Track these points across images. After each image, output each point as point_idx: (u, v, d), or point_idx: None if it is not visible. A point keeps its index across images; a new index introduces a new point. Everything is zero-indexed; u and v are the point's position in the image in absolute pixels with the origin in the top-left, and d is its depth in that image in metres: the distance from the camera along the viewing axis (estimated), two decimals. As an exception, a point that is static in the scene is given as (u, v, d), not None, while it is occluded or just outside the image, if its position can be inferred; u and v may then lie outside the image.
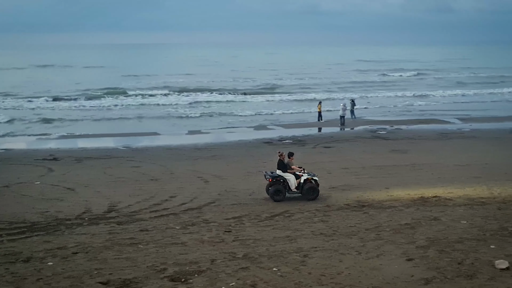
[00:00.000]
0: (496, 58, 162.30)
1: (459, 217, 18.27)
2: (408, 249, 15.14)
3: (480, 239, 15.97)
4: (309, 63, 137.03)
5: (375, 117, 48.78)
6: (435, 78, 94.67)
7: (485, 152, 31.10)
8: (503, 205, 19.82)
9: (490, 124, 43.69)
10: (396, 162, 28.49)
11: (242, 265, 14.10)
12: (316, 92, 69.30)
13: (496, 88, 75.08)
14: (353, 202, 20.47)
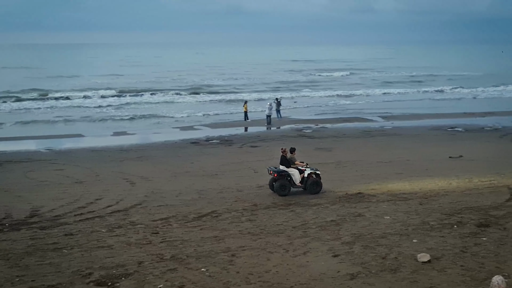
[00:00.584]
0: (418, 58, 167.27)
1: (383, 213, 18.76)
2: (334, 246, 15.44)
3: (403, 234, 16.45)
4: (236, 63, 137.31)
5: (301, 116, 49.40)
6: (362, 77, 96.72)
7: (407, 149, 32.03)
8: (424, 200, 20.48)
9: (411, 121, 44.99)
10: (321, 160, 28.90)
11: (170, 267, 14.02)
12: (243, 92, 69.55)
13: (418, 87, 77.45)
14: (279, 200, 20.67)
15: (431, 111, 52.37)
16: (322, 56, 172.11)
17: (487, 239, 15.82)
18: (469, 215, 18.33)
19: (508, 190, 21.73)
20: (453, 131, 39.42)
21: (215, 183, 23.84)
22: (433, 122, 43.99)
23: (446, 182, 23.38)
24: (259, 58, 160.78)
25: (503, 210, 18.86)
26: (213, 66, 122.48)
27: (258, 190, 22.53)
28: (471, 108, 53.68)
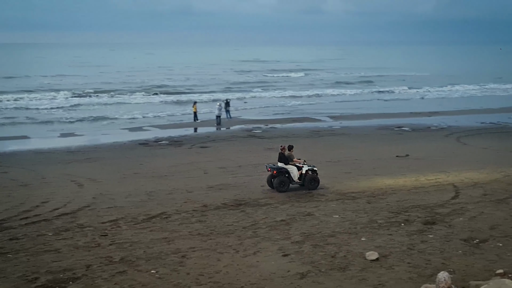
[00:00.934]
0: (367, 58, 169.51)
1: (332, 212, 18.97)
2: (284, 245, 15.52)
3: (352, 232, 16.66)
4: (187, 63, 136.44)
5: (251, 116, 49.50)
6: (313, 77, 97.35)
7: (355, 149, 32.43)
8: (372, 198, 20.78)
9: (359, 121, 45.58)
10: (271, 160, 28.91)
11: (119, 269, 13.86)
12: (193, 93, 69.24)
13: (368, 87, 78.57)
14: (230, 201, 20.65)
15: (379, 111, 53.20)
16: (272, 56, 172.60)
17: (433, 236, 16.16)
18: (416, 213, 18.69)
19: (453, 188, 22.24)
20: (400, 131, 40.12)
21: (165, 184, 23.66)
22: (380, 122, 44.67)
23: (393, 181, 23.79)
24: (209, 59, 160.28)
25: (448, 208, 19.29)
26: (164, 67, 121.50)
27: (208, 191, 22.46)
28: (418, 108, 54.69)
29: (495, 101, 62.48)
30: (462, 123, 43.43)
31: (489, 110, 52.48)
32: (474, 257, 14.49)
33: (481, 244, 15.48)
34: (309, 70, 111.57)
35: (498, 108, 53.71)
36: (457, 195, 21.13)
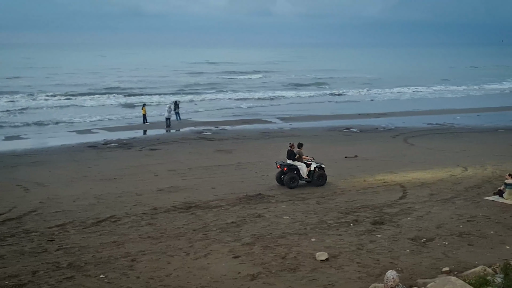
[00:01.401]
0: (318, 60, 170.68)
1: (282, 213, 19.06)
2: (234, 247, 15.52)
3: (302, 233, 16.78)
4: (138, 65, 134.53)
5: (201, 118, 49.36)
6: (264, 80, 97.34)
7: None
8: (321, 199, 20.98)
9: (309, 123, 45.95)
10: (222, 162, 29.03)
11: (67, 275, 13.62)
12: (143, 95, 68.51)
13: (320, 89, 79.24)
14: (180, 203, 20.54)
15: (329, 112, 53.70)
16: (224, 58, 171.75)
17: (381, 236, 16.40)
18: (365, 213, 18.94)
19: (401, 188, 22.63)
20: (349, 132, 40.62)
21: (114, 187, 23.37)
22: (330, 123, 45.14)
23: (342, 182, 24.06)
24: (160, 60, 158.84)
25: (396, 208, 19.62)
26: (114, 68, 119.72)
27: (158, 193, 22.29)
28: (367, 109, 55.46)
29: (442, 102, 63.89)
30: (409, 124, 44.26)
31: (435, 111, 53.60)
32: (421, 255, 14.77)
33: (428, 243, 15.78)
34: (262, 72, 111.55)
35: (444, 110, 54.89)
36: (404, 195, 21.51)
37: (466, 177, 24.73)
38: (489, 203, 20.29)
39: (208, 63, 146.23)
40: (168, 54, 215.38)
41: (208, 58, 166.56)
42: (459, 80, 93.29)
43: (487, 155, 30.33)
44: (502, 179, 22.27)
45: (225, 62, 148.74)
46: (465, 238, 16.24)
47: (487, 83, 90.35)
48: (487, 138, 37.56)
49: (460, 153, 31.28)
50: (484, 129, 42.13)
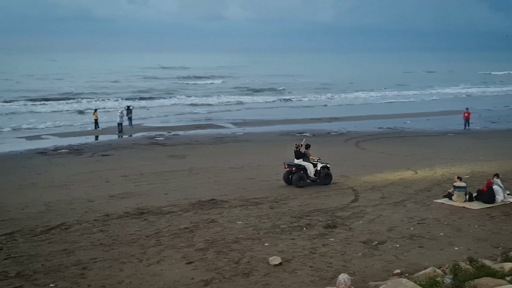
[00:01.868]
0: (273, 65, 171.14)
1: (235, 218, 19.04)
2: (187, 253, 15.42)
3: (255, 238, 16.78)
4: (90, 70, 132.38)
5: (153, 123, 48.99)
6: (219, 85, 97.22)
7: (258, 154, 32.77)
8: (274, 204, 21.04)
9: (262, 127, 46.12)
10: (174, 167, 28.85)
11: (15, 284, 13.30)
12: (95, 100, 67.60)
13: (275, 94, 79.63)
14: (132, 209, 20.30)
15: (282, 117, 53.98)
16: (177, 63, 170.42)
17: (334, 240, 16.53)
18: (317, 217, 19.07)
19: (353, 192, 22.89)
20: (302, 136, 40.81)
21: (65, 194, 22.96)
22: (283, 128, 45.39)
23: (295, 186, 24.18)
24: (112, 65, 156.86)
25: (348, 211, 19.82)
26: (65, 73, 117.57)
27: (110, 199, 21.99)
28: (320, 114, 55.97)
29: (394, 107, 65.01)
30: (360, 128, 44.85)
31: (386, 115, 54.46)
32: (373, 258, 14.94)
33: (379, 246, 15.98)
34: (217, 77, 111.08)
35: (395, 114, 55.80)
36: (356, 199, 21.76)
37: (416, 180, 25.17)
38: (438, 205, 20.70)
39: (162, 68, 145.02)
40: (120, 58, 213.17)
41: (161, 63, 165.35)
42: (413, 85, 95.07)
43: (436, 158, 30.95)
44: (451, 182, 22.77)
45: (179, 67, 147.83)
46: (416, 240, 16.51)
47: (442, 87, 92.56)
48: (436, 141, 38.34)
49: (410, 156, 31.83)
50: (433, 133, 42.99)
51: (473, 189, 21.69)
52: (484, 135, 41.52)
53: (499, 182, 21.57)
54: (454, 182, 21.56)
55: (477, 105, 63.68)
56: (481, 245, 16.02)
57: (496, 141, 38.18)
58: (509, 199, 21.21)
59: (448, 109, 59.91)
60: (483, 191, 21.05)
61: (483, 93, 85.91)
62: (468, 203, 20.77)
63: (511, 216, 19.18)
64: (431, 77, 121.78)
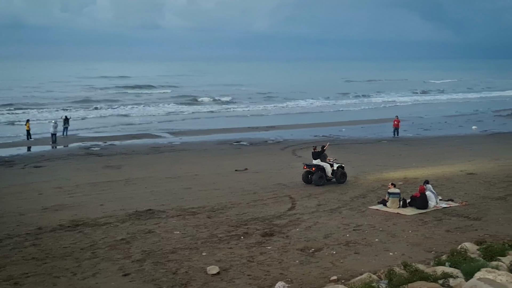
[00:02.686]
0: (213, 74, 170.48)
1: (173, 228, 18.87)
2: (124, 264, 15.18)
3: (193, 248, 16.67)
4: (22, 79, 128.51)
5: (89, 134, 48.15)
6: (159, 94, 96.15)
7: (195, 164, 32.64)
8: (212, 213, 20.97)
9: (199, 137, 45.97)
10: (110, 178, 28.41)
11: None
12: (28, 110, 65.86)
13: (216, 104, 79.54)
14: (67, 222, 19.84)
15: (220, 126, 53.90)
16: (115, 72, 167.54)
17: (271, 248, 16.59)
18: (255, 225, 19.11)
19: (290, 200, 23.06)
20: (239, 145, 40.99)
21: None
22: (220, 137, 45.36)
23: (232, 195, 24.19)
24: (47, 74, 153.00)
25: (285, 219, 19.94)
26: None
27: (43, 212, 21.43)
28: (257, 123, 56.20)
29: (330, 115, 65.93)
30: (297, 136, 45.29)
31: (322, 124, 55.20)
32: (310, 265, 15.06)
33: (316, 253, 16.13)
34: (157, 87, 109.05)
35: (331, 122, 56.63)
36: (293, 206, 21.92)
37: (351, 187, 25.58)
38: (373, 212, 21.08)
39: (101, 77, 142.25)
40: (55, 67, 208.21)
41: (98, 72, 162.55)
42: (349, 94, 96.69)
43: (371, 165, 31.55)
44: (385, 188, 23.24)
45: (117, 76, 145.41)
46: (352, 246, 16.75)
47: (379, 96, 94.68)
48: (371, 149, 39.11)
49: (345, 164, 32.26)
50: (367, 140, 43.84)
51: (407, 195, 22.22)
52: (417, 142, 42.60)
53: (431, 188, 22.18)
54: (388, 188, 22.03)
55: (410, 113, 65.44)
56: (415, 250, 16.39)
57: (428, 148, 39.22)
58: (441, 204, 21.83)
59: (383, 117, 61.12)
60: (416, 197, 21.58)
61: (415, 101, 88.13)
62: (402, 209, 21.25)
63: (443, 221, 19.71)
64: (368, 86, 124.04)
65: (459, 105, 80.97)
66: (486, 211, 20.92)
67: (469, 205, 21.90)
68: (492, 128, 51.09)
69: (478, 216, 20.24)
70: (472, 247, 14.98)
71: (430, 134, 47.43)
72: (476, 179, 27.11)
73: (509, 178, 26.87)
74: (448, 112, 68.49)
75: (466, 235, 17.75)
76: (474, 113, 65.65)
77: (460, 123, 55.60)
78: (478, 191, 24.35)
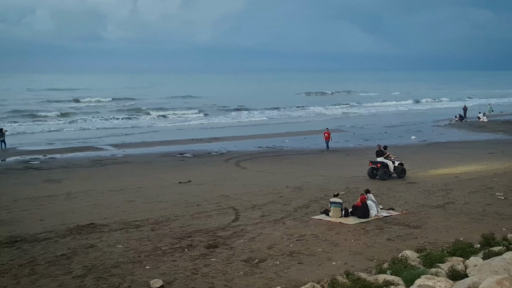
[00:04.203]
0: (156, 86, 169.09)
1: (115, 242, 18.60)
2: (64, 281, 14.86)
3: (136, 261, 16.46)
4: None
5: (28, 147, 47.02)
6: (99, 105, 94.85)
7: (138, 176, 32.27)
8: (156, 226, 20.77)
9: (142, 149, 45.49)
10: (51, 192, 27.80)
11: None
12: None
13: (155, 116, 78.99)
14: (4, 238, 19.27)
15: (163, 138, 53.46)
16: (57, 84, 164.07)
17: (215, 260, 16.54)
18: (199, 237, 19.03)
19: (233, 211, 23.05)
20: (182, 157, 40.76)
21: None
22: (163, 149, 45.03)
23: (176, 207, 24.03)
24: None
25: (229, 231, 19.93)
26: None
27: (-20, 228, 20.78)
28: (200, 134, 56.00)
29: (273, 126, 66.29)
30: (241, 148, 45.36)
31: (266, 135, 55.43)
32: (254, 276, 15.08)
33: (260, 264, 16.17)
34: (96, 100, 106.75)
35: (274, 133, 56.91)
36: (237, 218, 21.93)
37: (295, 197, 25.76)
38: (316, 221, 21.28)
39: (49, 89, 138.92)
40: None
41: (39, 84, 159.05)
42: (293, 104, 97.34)
43: (314, 175, 31.88)
44: (328, 198, 23.49)
45: (65, 88, 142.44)
46: (295, 257, 16.86)
47: (323, 106, 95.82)
48: (314, 159, 39.51)
49: (289, 174, 32.56)
50: (310, 151, 44.30)
51: (349, 204, 22.53)
52: (358, 152, 43.24)
53: (372, 197, 22.56)
54: (331, 198, 22.30)
55: (350, 124, 66.53)
56: (357, 259, 16.62)
57: (369, 158, 39.83)
58: (382, 213, 22.22)
59: (324, 128, 61.76)
60: (358, 206, 21.91)
61: (356, 113, 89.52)
62: (344, 218, 21.53)
63: (384, 230, 20.06)
64: (308, 97, 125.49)
65: (399, 115, 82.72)
66: (426, 219, 21.39)
67: (409, 213, 22.37)
68: (430, 138, 52.34)
69: (418, 224, 20.68)
70: (412, 254, 15.27)
71: (371, 144, 48.15)
72: (415, 187, 27.73)
73: (447, 187, 27.57)
74: (388, 122, 69.87)
75: (406, 243, 18.11)
76: (413, 124, 67.07)
77: (400, 133, 56.73)
78: (417, 200, 24.90)
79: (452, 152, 41.76)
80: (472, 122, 67.13)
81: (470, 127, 61.57)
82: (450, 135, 55.00)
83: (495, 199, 24.78)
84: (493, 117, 72.04)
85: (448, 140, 50.51)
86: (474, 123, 65.67)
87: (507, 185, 27.69)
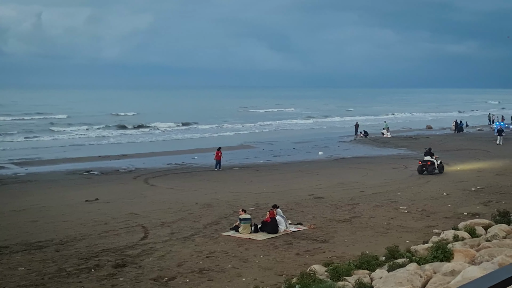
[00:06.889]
0: (60, 101, 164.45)
1: (16, 264, 17.86)
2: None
3: (39, 284, 15.90)
4: None
5: None
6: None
7: (42, 195, 31.17)
8: (61, 246, 20.14)
9: (47, 167, 44.01)
10: None
11: None
12: None
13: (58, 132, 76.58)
14: None
15: (69, 155, 51.96)
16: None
17: (123, 279, 16.20)
18: (106, 257, 18.59)
19: (142, 229, 22.69)
20: (89, 175, 39.75)
21: None
22: (69, 166, 43.72)
23: (83, 226, 23.37)
24: None
25: (138, 249, 19.59)
26: None
27: None
28: (107, 151, 54.83)
29: (183, 142, 65.87)
30: (149, 165, 44.73)
31: (175, 151, 54.94)
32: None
33: (169, 282, 15.97)
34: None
35: (183, 150, 56.52)
36: (146, 236, 21.59)
37: (204, 214, 25.65)
38: (226, 238, 21.28)
39: None
40: None
41: None
42: (204, 120, 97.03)
43: (223, 192, 31.87)
44: (237, 214, 23.53)
45: None
46: (205, 274, 16.76)
47: (231, 123, 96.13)
48: (223, 175, 39.52)
49: (198, 191, 32.40)
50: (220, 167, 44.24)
51: (258, 220, 22.66)
52: (267, 168, 43.64)
53: (281, 213, 22.82)
54: (240, 214, 22.37)
55: (258, 139, 67.15)
56: (267, 274, 16.71)
57: (278, 173, 40.31)
58: (291, 228, 22.48)
59: (236, 143, 62.15)
60: (267, 222, 22.09)
61: (264, 128, 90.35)
62: (253, 234, 21.64)
63: (293, 245, 20.29)
64: (221, 112, 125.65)
65: (306, 131, 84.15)
66: (333, 233, 21.82)
67: (317, 228, 22.75)
68: (337, 153, 53.52)
69: (326, 239, 21.06)
70: (320, 268, 15.50)
71: (280, 160, 48.79)
72: (323, 202, 28.25)
73: (353, 201, 28.27)
74: (296, 138, 70.95)
75: (315, 257, 18.39)
76: (320, 139, 68.43)
77: (308, 149, 57.69)
78: (325, 214, 25.37)
79: (357, 167, 42.88)
80: (376, 137, 69.26)
81: (374, 143, 63.45)
82: (356, 151, 56.44)
83: (399, 212, 25.62)
84: (395, 133, 74.61)
85: (354, 156, 51.84)
86: (378, 139, 67.72)
87: (410, 199, 28.73)
